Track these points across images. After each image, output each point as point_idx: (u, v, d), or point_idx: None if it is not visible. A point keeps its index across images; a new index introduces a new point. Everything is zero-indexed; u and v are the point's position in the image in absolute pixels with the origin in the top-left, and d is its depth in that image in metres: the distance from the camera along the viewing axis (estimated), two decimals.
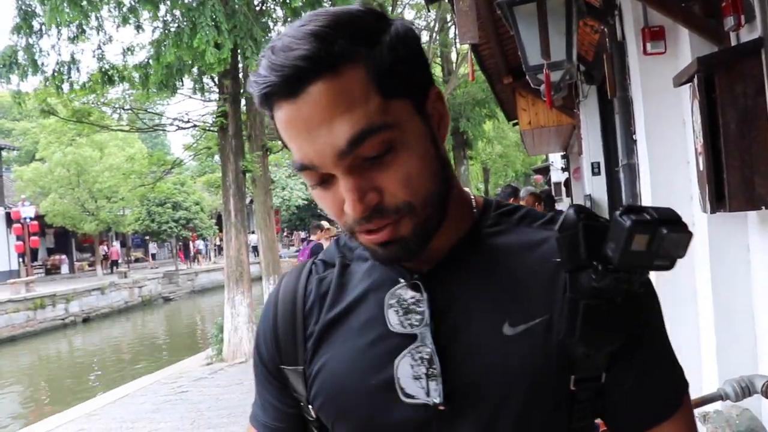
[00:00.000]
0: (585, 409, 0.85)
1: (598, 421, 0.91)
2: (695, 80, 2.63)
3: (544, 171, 22.32)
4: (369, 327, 0.88)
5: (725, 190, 2.50)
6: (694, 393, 2.32)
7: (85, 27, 10.31)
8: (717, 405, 2.59)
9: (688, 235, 0.70)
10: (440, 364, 0.82)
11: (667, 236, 0.69)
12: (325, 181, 0.78)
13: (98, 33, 10.74)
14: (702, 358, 3.24)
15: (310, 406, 0.93)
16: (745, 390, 2.34)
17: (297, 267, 1.01)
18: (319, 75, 0.73)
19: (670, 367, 0.90)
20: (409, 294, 0.86)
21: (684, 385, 0.91)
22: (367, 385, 0.86)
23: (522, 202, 7.30)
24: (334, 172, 0.76)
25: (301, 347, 0.93)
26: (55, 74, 10.33)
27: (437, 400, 0.82)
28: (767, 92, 2.41)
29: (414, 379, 0.83)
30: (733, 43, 2.76)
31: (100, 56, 10.65)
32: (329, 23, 0.75)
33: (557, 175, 18.29)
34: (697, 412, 2.49)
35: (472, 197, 0.93)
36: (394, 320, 0.86)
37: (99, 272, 30.30)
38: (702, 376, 3.19)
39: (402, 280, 0.87)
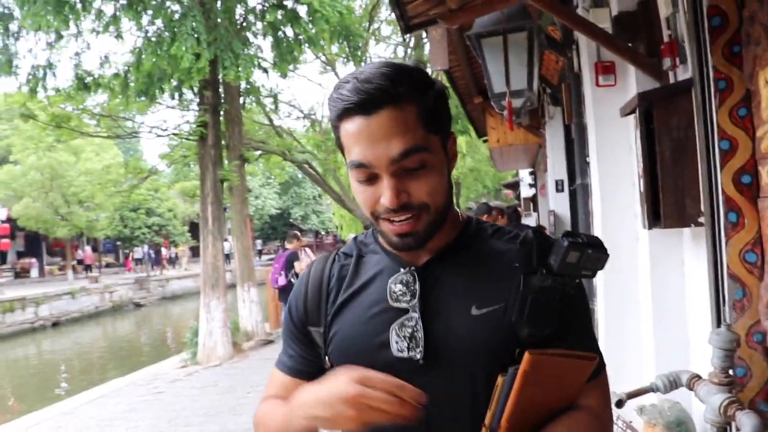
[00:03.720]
0: None
1: None
2: (637, 112, 2.96)
3: (514, 186, 22.47)
4: (375, 302, 1.21)
5: (661, 209, 2.82)
6: (634, 385, 2.67)
7: (62, 33, 10.37)
8: (653, 399, 2.91)
9: (606, 255, 1.08)
10: (423, 332, 1.15)
11: (592, 255, 1.07)
12: (371, 178, 1.10)
13: (76, 40, 10.79)
14: (642, 354, 3.58)
15: (326, 357, 1.26)
16: (673, 383, 2.62)
17: (324, 255, 1.36)
18: (388, 104, 1.06)
19: (591, 349, 1.19)
20: (406, 280, 1.20)
21: (602, 364, 1.21)
22: (370, 344, 1.19)
23: (493, 213, 7.68)
24: (382, 173, 1.09)
25: (323, 314, 1.27)
26: (30, 78, 10.34)
27: (418, 356, 1.15)
28: (696, 126, 2.74)
29: (403, 340, 1.17)
30: (671, 80, 3.10)
31: (77, 63, 10.68)
32: (399, 70, 1.09)
33: (526, 191, 18.61)
34: (634, 403, 2.80)
35: (459, 213, 1.27)
36: (392, 298, 1.19)
37: (69, 276, 29.87)
38: (642, 370, 3.53)
39: (402, 270, 1.21)
